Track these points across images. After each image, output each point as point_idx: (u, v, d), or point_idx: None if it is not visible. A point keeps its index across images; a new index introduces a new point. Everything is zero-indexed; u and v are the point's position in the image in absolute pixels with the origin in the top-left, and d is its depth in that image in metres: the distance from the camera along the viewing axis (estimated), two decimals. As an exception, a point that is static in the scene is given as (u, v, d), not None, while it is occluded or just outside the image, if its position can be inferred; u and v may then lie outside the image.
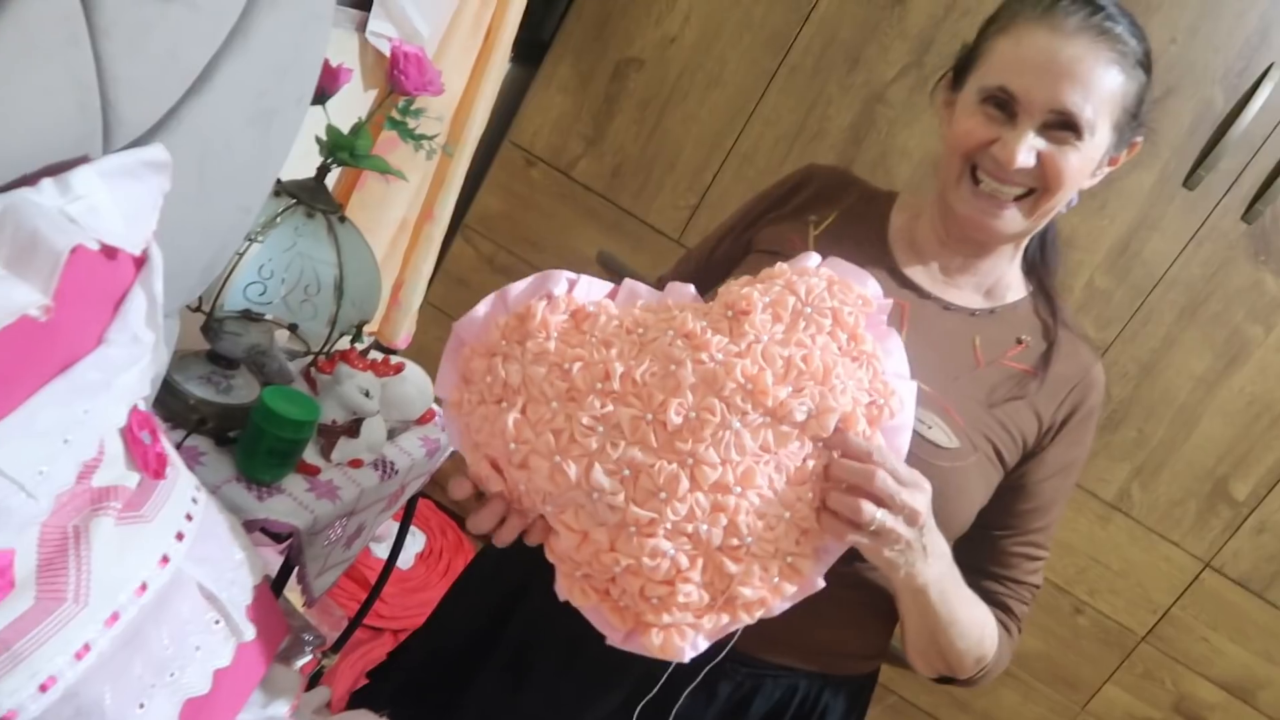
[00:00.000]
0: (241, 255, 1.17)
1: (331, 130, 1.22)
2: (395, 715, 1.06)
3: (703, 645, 0.79)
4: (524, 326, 0.80)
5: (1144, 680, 2.03)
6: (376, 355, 1.42)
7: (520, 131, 2.16)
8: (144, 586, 0.75)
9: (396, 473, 1.42)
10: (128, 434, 0.79)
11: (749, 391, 0.74)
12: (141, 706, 0.72)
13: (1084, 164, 0.88)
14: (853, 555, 0.92)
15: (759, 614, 0.78)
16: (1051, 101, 0.85)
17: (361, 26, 1.55)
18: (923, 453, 0.88)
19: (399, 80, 1.21)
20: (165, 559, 0.77)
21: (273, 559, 1.35)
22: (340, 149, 1.21)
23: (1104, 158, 0.91)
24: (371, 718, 0.97)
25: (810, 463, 0.76)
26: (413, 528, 1.94)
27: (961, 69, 0.95)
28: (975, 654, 0.93)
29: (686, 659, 0.78)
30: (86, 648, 0.69)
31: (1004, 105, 0.87)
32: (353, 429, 1.33)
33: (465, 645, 1.11)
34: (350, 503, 1.31)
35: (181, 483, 0.85)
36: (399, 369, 1.45)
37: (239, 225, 1.06)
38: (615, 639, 0.79)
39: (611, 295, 0.83)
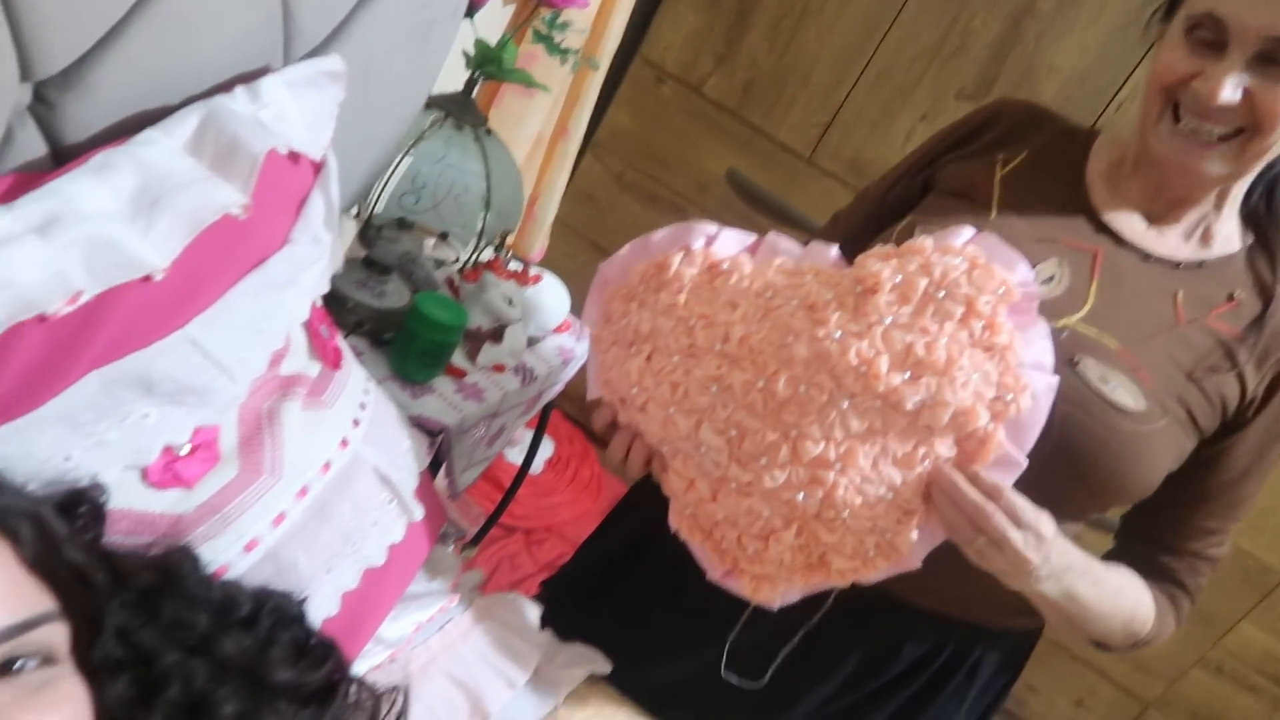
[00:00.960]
0: (397, 165, 1.23)
1: (480, 43, 1.26)
2: (550, 610, 1.12)
3: (793, 597, 0.81)
4: (659, 276, 0.82)
5: (1281, 617, 1.97)
6: (517, 265, 1.47)
7: (651, 48, 2.15)
8: (327, 465, 0.82)
9: (535, 379, 1.48)
10: (309, 327, 0.86)
11: (861, 374, 0.72)
12: (328, 571, 0.80)
13: None
14: None
15: (851, 579, 0.79)
16: (1266, 28, 0.75)
17: (503, -60, 1.57)
18: (1102, 414, 0.82)
19: (547, -8, 1.23)
20: (344, 441, 0.84)
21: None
22: (488, 62, 1.25)
23: None
24: (522, 600, 1.04)
25: (921, 449, 0.74)
26: (544, 435, 2.02)
27: (1173, 2, 0.86)
28: (1121, 635, 0.89)
29: (775, 607, 0.81)
30: (282, 516, 0.77)
31: (1212, 35, 0.78)
32: (496, 335, 1.39)
33: (620, 555, 1.15)
34: (493, 405, 1.38)
35: (355, 374, 0.92)
36: (538, 279, 1.50)
37: (397, 135, 1.11)
38: (714, 575, 0.83)
39: (753, 247, 0.83)
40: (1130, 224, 0.90)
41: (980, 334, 0.74)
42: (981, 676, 1.01)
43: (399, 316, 1.28)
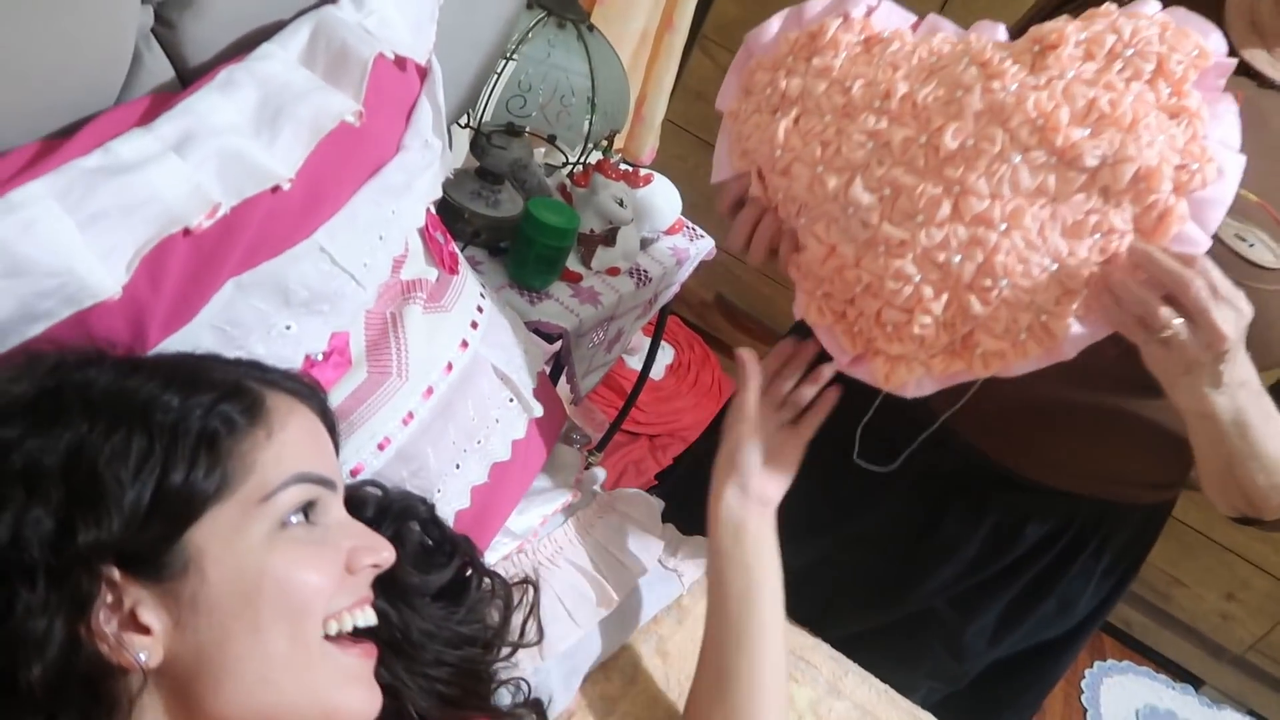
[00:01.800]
0: (501, 71, 1.23)
1: (579, -64, 1.23)
2: (671, 504, 1.14)
3: (928, 387, 0.76)
4: (813, 44, 0.78)
5: None
6: (627, 167, 1.46)
7: (757, -70, 2.06)
8: (450, 366, 0.85)
9: (650, 280, 1.48)
10: (425, 233, 0.88)
11: (1038, 127, 0.68)
12: (457, 466, 0.84)
13: None
14: (1150, 383, 0.83)
15: (995, 369, 0.74)
16: None
17: None
18: (1239, 273, 0.74)
19: (642, -124, 1.18)
20: (465, 343, 0.87)
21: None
22: (588, -45, 1.22)
23: None
24: (644, 495, 1.06)
25: (1093, 218, 0.69)
26: (663, 341, 2.03)
27: None
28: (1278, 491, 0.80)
29: (909, 395, 0.76)
30: (411, 415, 0.80)
31: None
32: (609, 238, 1.39)
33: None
34: (610, 308, 1.39)
35: (471, 279, 0.94)
36: (648, 180, 1.49)
37: (499, 37, 1.10)
38: (843, 361, 0.80)
39: (913, 27, 0.79)
40: (1273, 64, 0.83)
41: (1168, 98, 0.69)
42: (1109, 554, 0.99)
43: (514, 224, 1.30)
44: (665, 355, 2.35)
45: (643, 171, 1.51)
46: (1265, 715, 2.17)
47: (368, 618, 0.58)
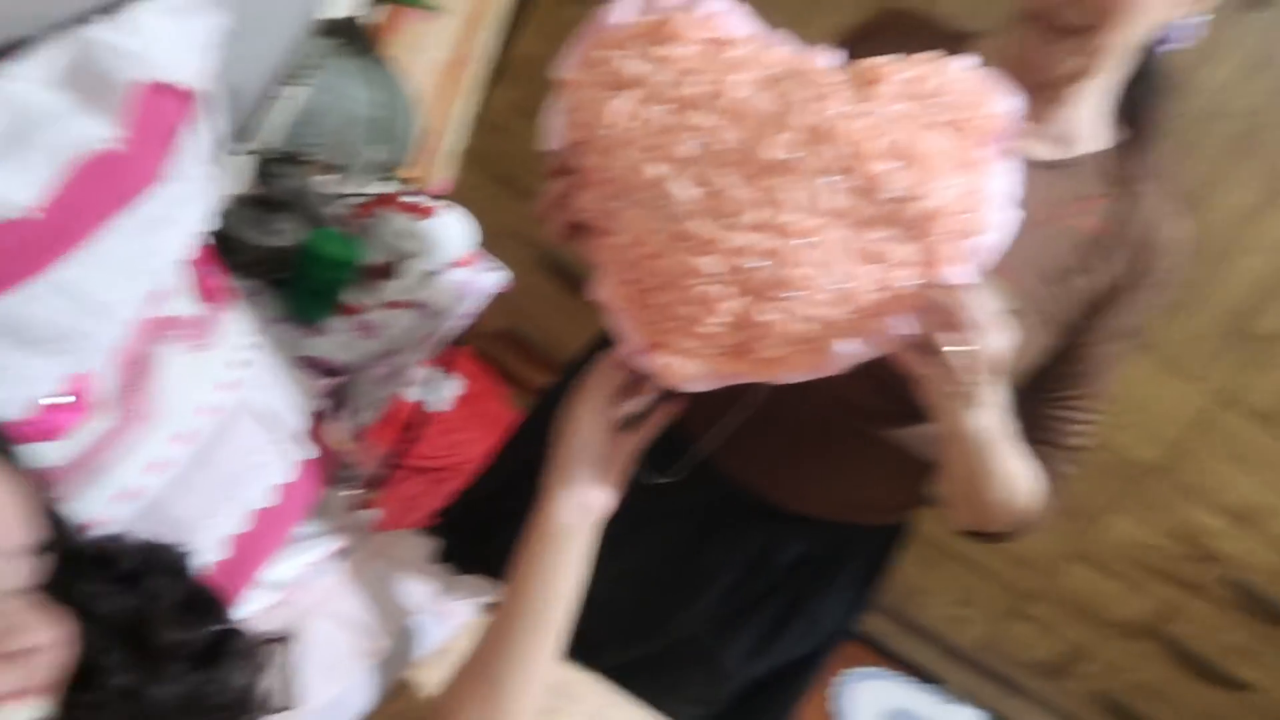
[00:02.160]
0: (286, 96, 1.18)
1: (371, -33, 1.21)
2: (447, 542, 1.12)
3: (710, 384, 0.79)
4: (660, 31, 0.79)
5: (1148, 509, 2.08)
6: (415, 198, 1.44)
7: (559, -29, 2.10)
8: (210, 408, 0.81)
9: (436, 314, 1.46)
10: (192, 266, 0.83)
11: (853, 154, 0.72)
12: (216, 513, 0.80)
13: None
14: (892, 413, 0.93)
15: (770, 375, 0.78)
16: None
17: None
18: None
19: (439, -85, 1.18)
20: (229, 383, 0.83)
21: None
22: (380, -13, 1.20)
23: None
24: (417, 536, 1.04)
25: (882, 248, 0.74)
26: (449, 373, 2.00)
27: None
28: (1008, 510, 0.90)
29: (691, 388, 0.79)
30: (161, 462, 0.76)
31: None
32: (393, 270, 1.37)
33: (514, 481, 1.14)
34: (391, 342, 1.36)
35: (240, 314, 0.90)
36: (438, 212, 1.48)
37: (283, 64, 1.07)
38: (630, 349, 0.81)
39: (759, 37, 0.81)
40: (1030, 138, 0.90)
41: (965, 149, 0.75)
42: (855, 573, 1.06)
43: (293, 255, 1.25)
44: (451, 387, 2.32)
45: (433, 203, 1.50)
46: (996, 708, 2.39)
47: (31, 711, 0.52)
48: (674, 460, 0.99)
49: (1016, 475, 0.88)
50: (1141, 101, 0.93)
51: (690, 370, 0.79)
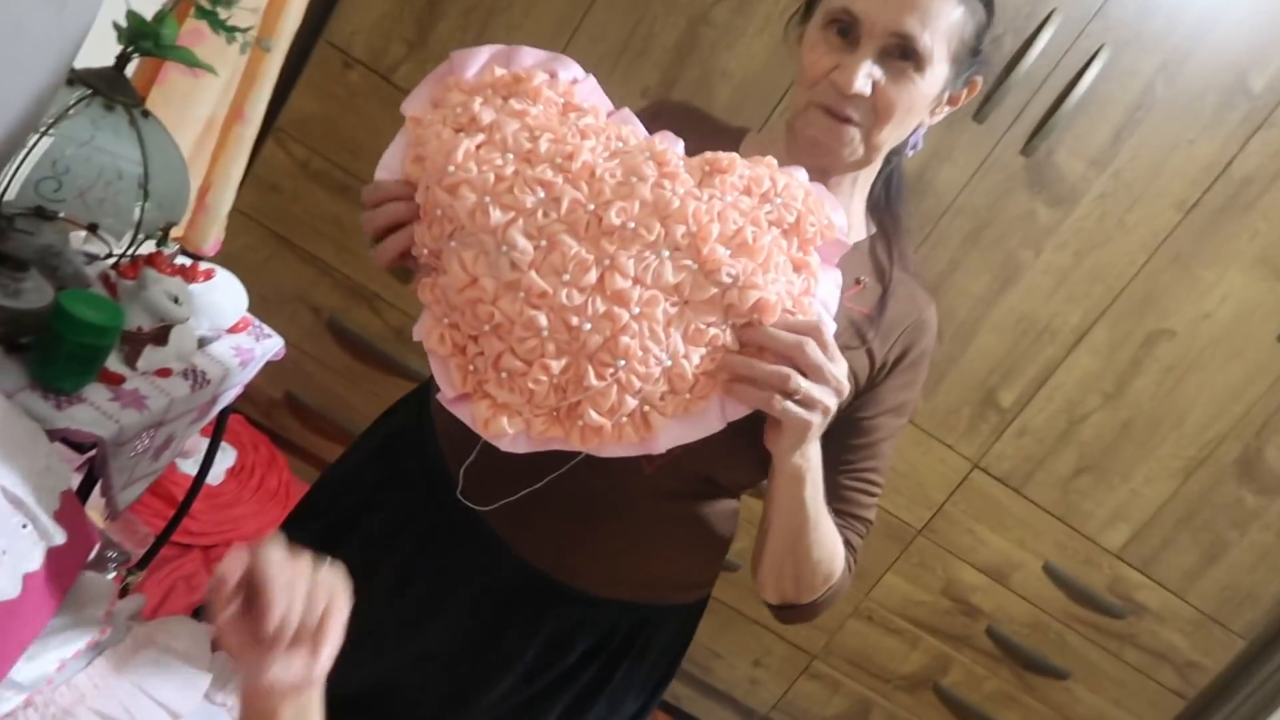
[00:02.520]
0: (32, 148, 1.09)
1: (133, 16, 1.14)
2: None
3: (522, 446, 0.78)
4: (517, 86, 0.80)
5: (919, 568, 2.26)
6: (185, 260, 1.36)
7: (337, 31, 2.06)
8: (-59, 492, 0.71)
9: (208, 383, 1.37)
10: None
11: (691, 233, 0.75)
12: (-55, 613, 0.70)
13: (917, 98, 0.88)
14: (688, 492, 0.96)
15: (590, 446, 0.78)
16: (892, 24, 0.85)
17: (160, -97, 1.43)
18: None
19: (208, -34, 1.14)
20: (-37, 464, 0.74)
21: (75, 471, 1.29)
22: (143, 37, 1.13)
23: (942, 94, 0.92)
24: (189, 624, 0.96)
25: (712, 331, 0.76)
26: (223, 443, 1.88)
27: (810, 2, 0.95)
28: (826, 569, 0.94)
29: (504, 446, 0.78)
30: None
31: (846, 30, 0.87)
32: (160, 336, 1.27)
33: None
34: (159, 413, 1.26)
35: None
36: (209, 275, 1.40)
37: (30, 114, 0.99)
38: (448, 396, 0.80)
39: (609, 113, 0.84)
40: None
41: (795, 250, 0.79)
42: (651, 654, 1.07)
43: (40, 318, 1.14)
44: (226, 458, 2.17)
45: (204, 265, 1.41)
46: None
47: None
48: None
49: (831, 529, 0.92)
50: (887, 200, 1.02)
51: (506, 427, 0.78)
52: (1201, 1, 1.85)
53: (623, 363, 0.74)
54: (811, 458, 0.84)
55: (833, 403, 0.78)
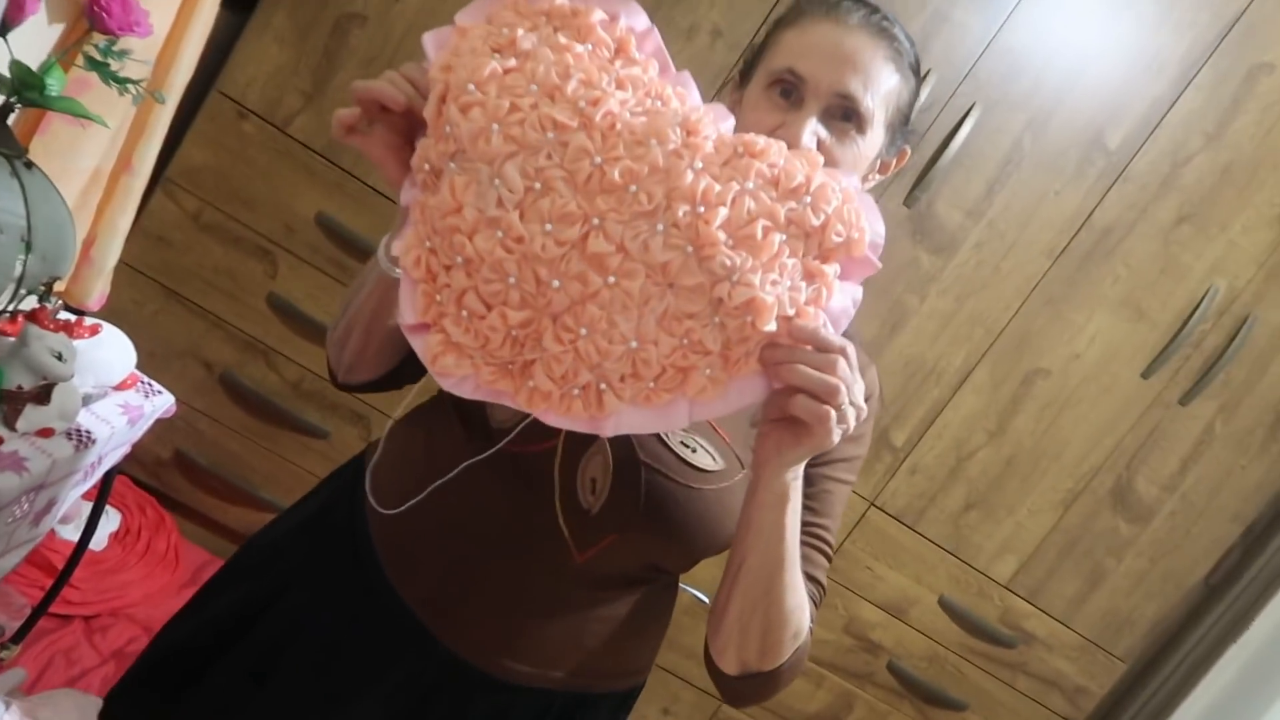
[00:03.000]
0: (-95, 200, 1.04)
1: (18, 66, 1.11)
2: (116, 707, 1.00)
3: (468, 391, 0.75)
4: (572, 19, 0.76)
5: (822, 609, 2.30)
6: (68, 316, 1.31)
7: (231, 82, 2.03)
8: None
9: (94, 443, 1.32)
10: None
11: (693, 211, 0.70)
12: None
13: (859, 159, 0.89)
14: (626, 578, 0.93)
15: (535, 408, 0.74)
16: (836, 84, 0.86)
17: (44, -48, 1.40)
18: (685, 478, 0.87)
19: (99, 18, 1.12)
20: None
21: (-55, 540, 1.22)
22: (28, 87, 1.10)
23: (877, 159, 0.92)
24: (74, 695, 0.91)
25: (690, 323, 0.71)
26: (107, 506, 1.79)
27: (748, 65, 0.94)
28: (797, 621, 0.86)
29: (447, 387, 0.75)
30: None
31: (790, 91, 0.87)
32: (42, 395, 1.22)
33: (206, 643, 1.05)
34: (39, 475, 1.21)
35: None
36: (95, 330, 1.35)
37: (-95, 166, 0.95)
38: (407, 320, 0.76)
39: (663, 70, 0.78)
40: None
41: (814, 258, 0.73)
42: None
43: (-90, 377, 1.08)
44: (110, 522, 2.07)
45: (89, 321, 1.37)
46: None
47: None
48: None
49: (800, 577, 0.85)
50: None
51: (453, 365, 0.74)
52: (1063, 64, 2.00)
53: (584, 331, 0.71)
54: (797, 479, 0.79)
55: (854, 425, 0.74)
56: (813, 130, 0.85)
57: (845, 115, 0.87)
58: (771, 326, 0.71)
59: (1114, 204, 2.07)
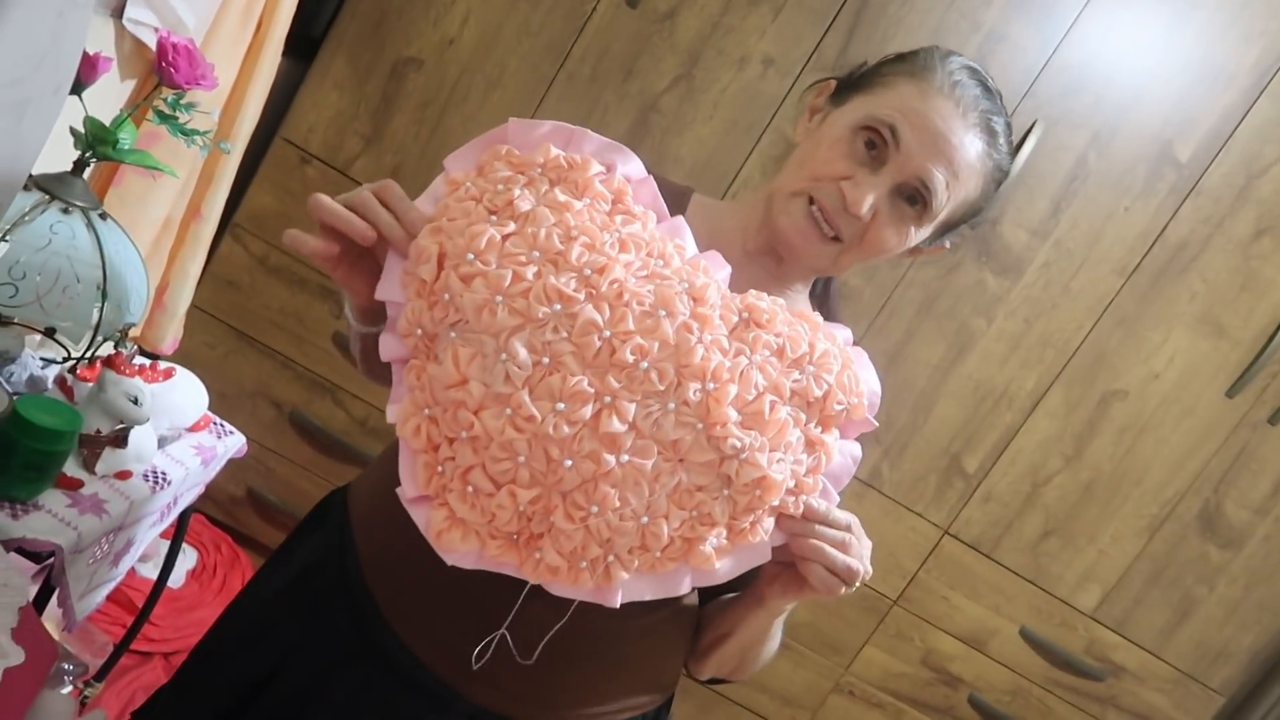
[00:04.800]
0: (-12, 254, 1.08)
1: (92, 122, 1.15)
2: None
3: (469, 563, 0.74)
4: (569, 172, 0.74)
5: (897, 640, 2.25)
6: (143, 360, 1.35)
7: (294, 128, 2.09)
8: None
9: (169, 483, 1.35)
10: None
11: (706, 392, 0.69)
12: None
13: (900, 243, 0.86)
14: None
15: (543, 581, 0.73)
16: (923, 171, 0.82)
17: (118, 12, 1.46)
18: None
19: (168, 73, 1.15)
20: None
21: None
22: (102, 142, 1.14)
23: (915, 244, 0.89)
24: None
25: (700, 497, 0.72)
26: (184, 544, 1.83)
27: (849, 84, 0.90)
28: (766, 658, 0.95)
29: (450, 560, 0.73)
30: None
31: (875, 145, 0.83)
32: (119, 439, 1.25)
33: (222, 705, 0.98)
34: (118, 517, 1.24)
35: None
36: (169, 374, 1.38)
37: (-13, 222, 0.99)
38: (408, 493, 0.74)
39: (659, 219, 0.77)
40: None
41: (815, 427, 0.74)
42: None
43: (-6, 425, 1.12)
44: (186, 560, 2.12)
45: (163, 365, 1.40)
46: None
47: None
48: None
49: (780, 628, 0.93)
50: (826, 292, 1.01)
51: (458, 542, 0.72)
52: (1125, 79, 1.95)
53: (595, 509, 0.70)
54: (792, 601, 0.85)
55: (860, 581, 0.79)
56: (874, 203, 0.83)
57: (912, 200, 0.85)
58: (777, 500, 0.73)
59: (1187, 219, 2.00)
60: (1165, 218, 2.00)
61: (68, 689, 1.60)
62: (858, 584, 0.78)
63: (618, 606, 0.74)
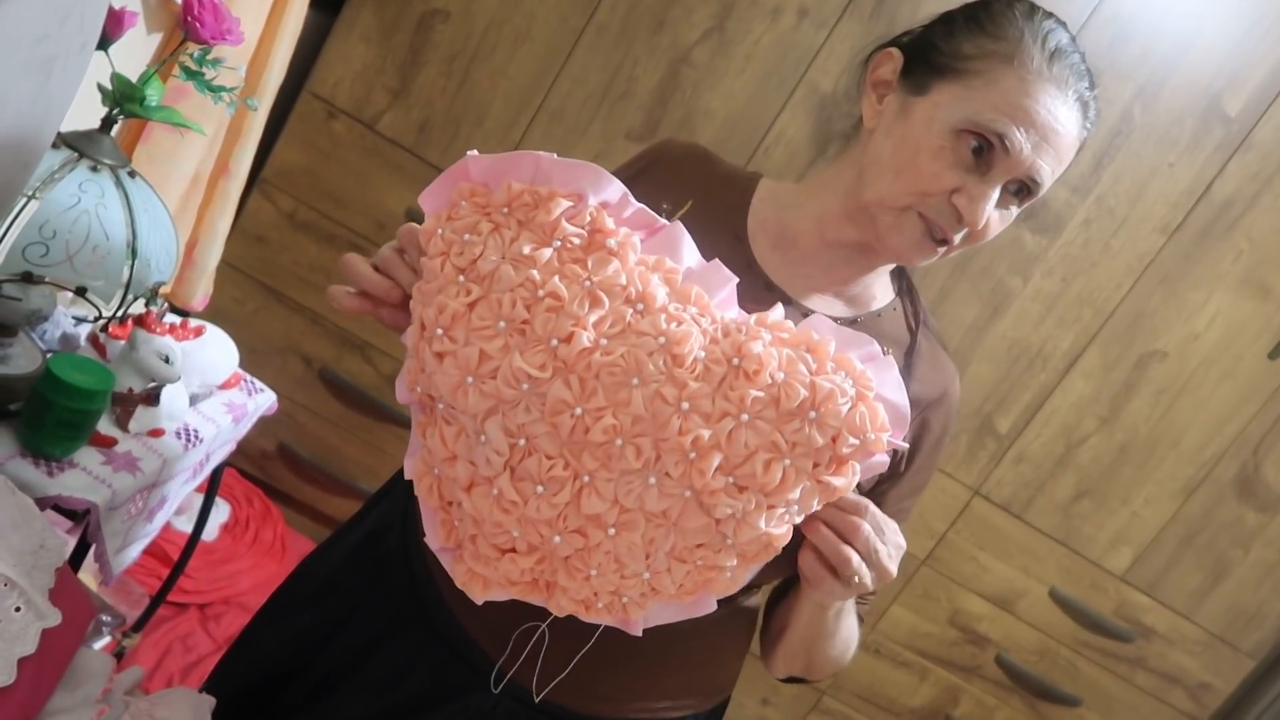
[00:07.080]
0: (19, 214, 1.08)
1: (119, 79, 1.14)
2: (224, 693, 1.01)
3: (501, 597, 0.76)
4: (533, 211, 0.69)
5: (924, 599, 2.24)
6: (175, 319, 1.35)
7: (320, 82, 2.06)
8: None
9: (201, 441, 1.36)
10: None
11: (687, 461, 0.66)
12: (-61, 700, 0.68)
13: (1002, 227, 0.84)
14: None
15: (569, 613, 0.75)
16: (1034, 169, 0.79)
17: (142, -36, 1.44)
18: None
19: (194, 28, 1.13)
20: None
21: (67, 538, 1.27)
22: (129, 99, 1.13)
23: None
24: (189, 696, 0.94)
25: (702, 553, 0.70)
26: (217, 498, 1.85)
27: (924, 62, 0.83)
28: (841, 660, 0.92)
29: (479, 601, 0.76)
30: None
31: (982, 150, 0.79)
32: (152, 397, 1.26)
33: (267, 677, 1.02)
34: (152, 474, 1.25)
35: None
36: (200, 332, 1.39)
37: (16, 181, 0.98)
38: (432, 543, 0.77)
39: (651, 233, 0.72)
40: (790, 279, 0.89)
41: (824, 471, 0.68)
42: None
43: (28, 384, 1.12)
44: (220, 513, 2.15)
45: (194, 323, 1.40)
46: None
47: None
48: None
49: (850, 631, 0.90)
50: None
51: (481, 591, 0.76)
52: (1173, 30, 1.88)
53: (594, 571, 0.70)
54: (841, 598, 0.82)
55: (871, 586, 0.74)
56: (990, 208, 0.80)
57: (1018, 191, 0.82)
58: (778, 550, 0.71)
59: (1235, 175, 1.94)
60: (1211, 174, 1.94)
61: (106, 639, 1.63)
62: (858, 581, 0.72)
63: (640, 631, 0.75)
